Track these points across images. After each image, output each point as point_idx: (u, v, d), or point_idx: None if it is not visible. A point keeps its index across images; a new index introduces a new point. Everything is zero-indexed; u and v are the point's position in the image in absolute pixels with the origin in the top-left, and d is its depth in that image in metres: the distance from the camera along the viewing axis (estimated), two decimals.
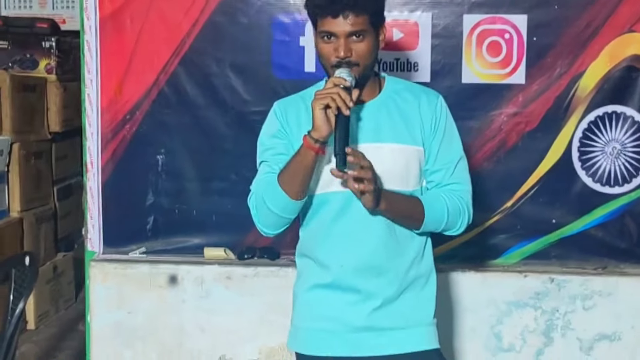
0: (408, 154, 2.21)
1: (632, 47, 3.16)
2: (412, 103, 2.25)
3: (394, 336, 2.24)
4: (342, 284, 2.24)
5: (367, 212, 2.17)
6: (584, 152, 3.23)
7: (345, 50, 2.13)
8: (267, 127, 2.32)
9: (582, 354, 3.23)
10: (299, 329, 2.34)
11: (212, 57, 3.29)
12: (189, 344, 3.34)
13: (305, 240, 2.32)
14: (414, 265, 2.26)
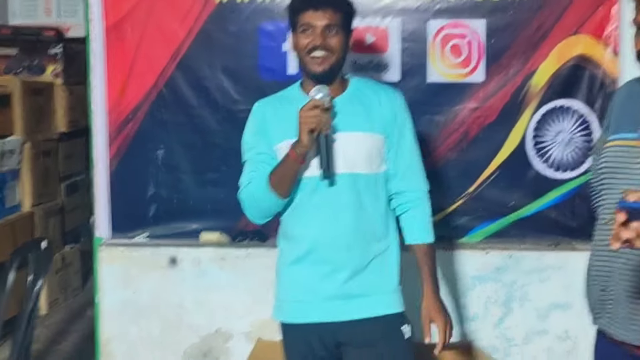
0: (372, 141, 2.46)
1: (578, 47, 3.33)
2: (373, 98, 2.51)
3: (363, 302, 2.46)
4: (316, 258, 2.45)
5: (336, 193, 2.42)
6: (537, 141, 3.40)
7: (322, 38, 2.39)
8: (249, 127, 2.56)
9: (538, 322, 3.44)
10: (282, 302, 2.56)
11: (205, 62, 3.45)
12: (188, 319, 3.53)
13: (284, 222, 2.54)
14: (379, 239, 2.48)
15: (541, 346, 3.48)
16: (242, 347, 3.49)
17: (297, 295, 2.52)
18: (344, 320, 2.47)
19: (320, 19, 2.39)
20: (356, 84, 2.56)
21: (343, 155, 2.43)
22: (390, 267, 2.52)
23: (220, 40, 3.47)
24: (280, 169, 2.40)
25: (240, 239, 3.55)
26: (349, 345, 2.48)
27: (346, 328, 2.47)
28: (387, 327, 2.48)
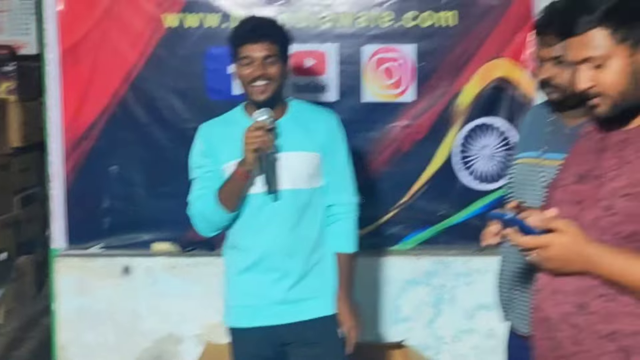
0: (312, 159, 2.70)
1: (499, 70, 3.61)
2: (311, 119, 2.74)
3: (305, 306, 2.69)
4: (264, 267, 2.67)
5: (281, 207, 2.64)
6: (463, 156, 3.66)
7: (262, 69, 2.57)
8: (196, 147, 2.76)
9: (466, 321, 3.71)
10: (231, 307, 2.76)
11: (156, 83, 3.63)
12: (142, 324, 3.71)
13: (234, 234, 2.74)
14: (316, 248, 2.72)
15: (469, 344, 3.75)
16: (193, 350, 3.69)
17: (246, 301, 2.73)
18: (289, 323, 2.69)
19: (259, 51, 2.59)
20: (296, 106, 2.79)
21: (287, 173, 2.65)
22: (328, 273, 2.76)
23: (170, 63, 3.67)
24: (228, 185, 2.62)
25: (190, 248, 3.74)
26: (293, 345, 2.72)
27: (291, 329, 2.69)
28: (326, 327, 2.72)
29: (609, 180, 1.77)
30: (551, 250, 1.72)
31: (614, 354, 1.72)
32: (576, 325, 1.76)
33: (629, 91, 1.76)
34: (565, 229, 1.71)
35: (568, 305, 1.78)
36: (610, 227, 1.73)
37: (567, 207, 1.85)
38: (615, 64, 1.75)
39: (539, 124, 2.56)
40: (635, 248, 1.69)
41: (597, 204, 1.77)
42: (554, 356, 1.83)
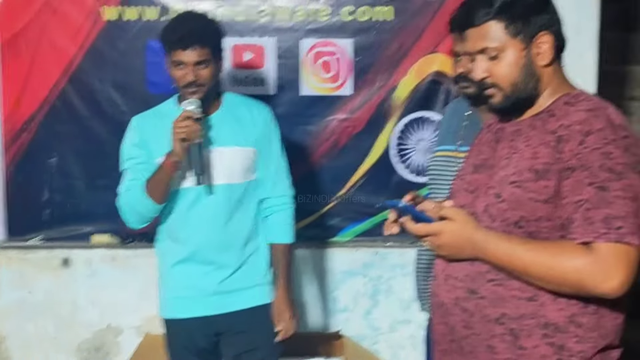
0: (246, 153, 2.72)
1: (435, 64, 3.67)
2: (246, 113, 2.76)
3: (238, 296, 2.73)
4: (197, 258, 2.71)
5: (215, 201, 2.67)
6: (400, 149, 3.73)
7: (194, 76, 2.59)
8: (128, 139, 2.77)
9: (402, 312, 3.76)
10: (166, 299, 2.79)
11: (95, 76, 3.66)
12: (82, 316, 3.74)
13: (166, 226, 2.76)
14: (250, 240, 2.76)
15: (405, 334, 3.82)
16: (132, 341, 3.72)
17: (181, 292, 2.76)
18: (222, 313, 2.73)
19: (190, 56, 2.60)
20: (230, 99, 2.80)
21: (221, 168, 2.68)
22: (260, 264, 2.80)
23: (110, 56, 3.69)
24: (156, 176, 2.63)
25: (129, 240, 3.77)
26: (225, 334, 2.76)
27: (224, 319, 2.74)
28: (258, 316, 2.77)
29: (500, 169, 1.83)
30: (442, 238, 1.78)
31: (502, 337, 1.77)
32: (467, 310, 1.82)
33: (521, 83, 1.83)
34: (455, 217, 1.78)
35: (460, 291, 1.84)
36: (499, 213, 1.79)
37: (463, 196, 1.93)
38: (508, 57, 1.82)
39: (457, 118, 2.62)
40: (523, 233, 1.75)
41: (489, 191, 1.83)
42: (448, 340, 1.89)
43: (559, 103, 1.81)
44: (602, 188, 1.66)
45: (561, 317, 1.73)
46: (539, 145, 1.77)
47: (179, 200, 2.71)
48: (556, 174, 1.72)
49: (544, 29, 1.80)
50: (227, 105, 2.78)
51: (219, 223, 2.70)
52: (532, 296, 1.75)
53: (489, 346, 1.79)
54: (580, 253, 1.65)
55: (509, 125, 1.90)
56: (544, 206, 1.73)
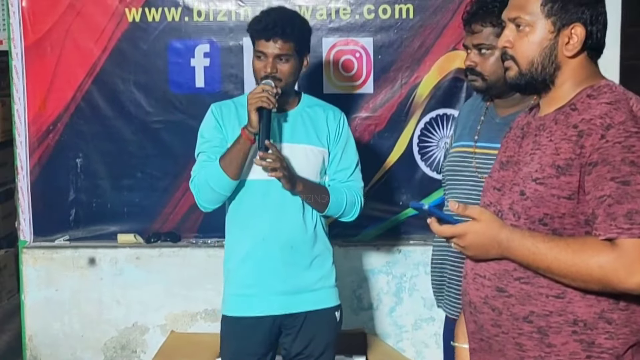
0: (316, 153, 2.73)
1: (456, 62, 3.64)
2: (321, 116, 2.78)
3: (305, 296, 2.72)
4: (264, 255, 2.68)
5: (284, 196, 2.65)
6: (422, 146, 3.73)
7: (272, 68, 2.59)
8: (206, 124, 2.75)
9: (426, 310, 3.76)
10: (230, 296, 2.75)
11: (119, 77, 3.72)
12: (107, 314, 3.79)
13: (235, 219, 2.72)
14: (317, 241, 2.75)
15: (429, 332, 3.80)
16: (158, 338, 3.76)
17: (246, 290, 2.73)
18: (287, 313, 2.72)
19: (272, 49, 2.60)
20: (307, 100, 2.82)
21: (293, 164, 2.67)
22: (327, 267, 2.80)
23: (133, 56, 3.76)
24: (231, 149, 2.62)
25: (154, 240, 3.82)
26: (287, 334, 2.76)
27: (288, 320, 2.73)
28: (322, 319, 2.77)
29: (524, 165, 1.81)
30: (467, 239, 1.75)
31: (530, 335, 1.75)
32: (495, 308, 1.80)
33: (538, 65, 1.80)
34: (479, 217, 1.74)
35: (488, 289, 1.82)
36: (523, 211, 1.76)
37: (490, 193, 1.91)
38: (535, 34, 1.79)
39: (475, 114, 2.62)
40: (547, 230, 1.73)
41: (514, 188, 1.81)
42: (477, 338, 1.87)
43: (581, 96, 1.78)
44: (624, 182, 1.64)
45: (590, 314, 1.71)
46: (561, 140, 1.73)
47: (246, 193, 2.70)
48: (578, 169, 1.69)
49: (580, 22, 1.76)
50: (304, 105, 2.79)
51: (287, 219, 2.69)
52: (560, 293, 1.72)
53: (517, 344, 1.77)
54: (604, 250, 1.63)
55: (535, 120, 1.87)
56: (567, 202, 1.70)
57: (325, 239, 2.80)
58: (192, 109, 3.74)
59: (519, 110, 2.45)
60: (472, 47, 2.42)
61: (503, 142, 1.99)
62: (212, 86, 3.76)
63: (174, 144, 3.79)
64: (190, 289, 3.78)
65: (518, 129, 1.95)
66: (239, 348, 2.75)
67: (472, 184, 2.48)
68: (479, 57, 2.41)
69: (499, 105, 2.50)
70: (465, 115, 2.68)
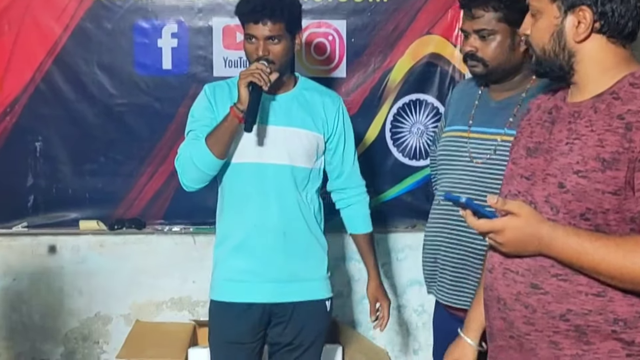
0: (310, 138, 2.66)
1: (430, 46, 3.63)
2: (318, 100, 2.70)
3: (297, 286, 2.66)
4: (255, 241, 2.61)
5: (279, 181, 2.60)
6: (395, 132, 3.69)
7: (263, 51, 2.53)
8: (198, 104, 2.68)
9: (398, 297, 3.72)
10: (220, 280, 2.68)
11: (81, 57, 3.57)
12: (69, 304, 3.64)
13: (225, 203, 2.66)
14: (310, 230, 2.69)
15: (400, 319, 3.77)
16: (121, 329, 3.64)
17: (237, 275, 2.66)
18: (278, 302, 2.66)
19: (261, 31, 2.54)
20: (304, 83, 2.75)
21: (284, 148, 2.61)
22: (321, 257, 2.75)
23: (97, 36, 3.61)
24: (218, 127, 2.54)
25: (118, 226, 3.69)
26: (276, 323, 2.70)
27: (278, 309, 2.67)
28: (313, 310, 2.72)
29: (559, 154, 1.72)
30: (505, 234, 1.67)
31: (567, 333, 1.69)
32: (529, 305, 1.72)
33: (549, 52, 1.74)
34: (519, 211, 1.66)
35: (521, 285, 1.74)
36: (563, 205, 1.68)
37: (518, 182, 1.82)
38: (543, 20, 1.74)
39: (467, 98, 2.58)
40: (589, 226, 1.66)
41: (548, 179, 1.73)
42: (507, 336, 1.79)
43: (623, 84, 1.69)
44: None
45: (632, 313, 1.65)
46: (605, 131, 1.65)
47: (237, 177, 2.64)
48: (626, 164, 1.61)
49: (586, 4, 1.69)
50: (300, 88, 2.72)
51: (280, 205, 2.63)
52: (600, 291, 1.65)
53: (552, 342, 1.70)
54: None
55: (567, 106, 1.79)
56: (613, 198, 1.63)
57: (319, 229, 2.74)
58: (158, 92, 3.65)
59: (514, 95, 2.42)
60: (471, 32, 2.37)
61: (524, 125, 1.91)
62: (179, 68, 3.64)
63: (139, 128, 3.67)
64: (156, 277, 3.68)
65: (543, 112, 1.86)
66: (229, 334, 2.70)
67: (466, 169, 2.44)
68: (480, 42, 2.36)
69: (494, 89, 2.47)
70: (457, 100, 2.64)
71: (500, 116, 2.40)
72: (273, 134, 2.64)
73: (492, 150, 2.38)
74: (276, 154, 2.63)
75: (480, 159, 2.40)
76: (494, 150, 2.37)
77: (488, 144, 2.40)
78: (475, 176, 2.40)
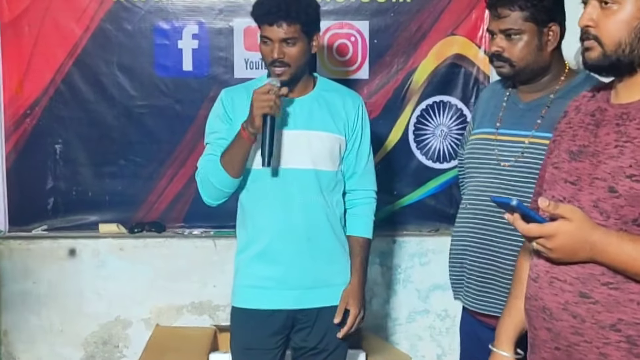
0: (333, 140, 2.61)
1: (454, 47, 3.58)
2: (338, 101, 2.65)
3: (319, 292, 2.61)
4: (277, 247, 2.56)
5: (301, 186, 2.54)
6: (418, 134, 3.64)
7: (278, 53, 2.47)
8: (213, 112, 2.65)
9: (420, 302, 3.67)
10: (241, 287, 2.64)
11: (101, 59, 3.55)
12: (88, 308, 3.61)
13: (245, 208, 2.62)
14: (333, 235, 2.62)
15: (423, 324, 3.72)
16: (141, 333, 3.60)
17: (259, 282, 2.61)
18: (301, 309, 2.62)
19: (277, 33, 2.48)
20: (323, 84, 2.69)
21: (307, 152, 2.56)
22: (343, 262, 2.68)
23: (117, 38, 3.59)
24: (232, 147, 2.50)
25: (138, 230, 3.66)
26: (300, 329, 2.66)
27: (302, 315, 2.63)
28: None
29: (608, 157, 1.65)
30: (557, 240, 1.59)
31: (618, 344, 1.62)
32: (577, 315, 1.65)
33: (626, 46, 1.64)
34: (572, 216, 1.58)
35: (569, 294, 1.67)
36: (614, 210, 1.62)
37: (562, 187, 1.75)
38: (624, 12, 1.64)
39: (495, 100, 2.52)
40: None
41: (596, 183, 1.66)
42: (552, 347, 1.72)
43: None
44: None
45: None
46: None
47: (259, 182, 2.58)
48: None
49: None
50: (319, 89, 2.67)
51: (303, 210, 2.57)
52: None
53: (602, 354, 1.63)
54: None
55: (612, 107, 1.71)
56: None
57: (342, 233, 2.69)
58: (178, 93, 3.62)
59: (542, 96, 2.36)
60: (498, 32, 2.31)
61: (564, 128, 1.83)
62: (200, 70, 3.61)
63: (159, 130, 3.64)
64: (176, 281, 3.64)
65: (585, 115, 1.79)
66: (251, 341, 2.65)
67: (494, 172, 2.38)
68: (507, 42, 2.29)
69: (523, 91, 2.40)
70: (485, 101, 2.58)
71: (529, 118, 2.34)
72: (294, 138, 2.59)
73: (519, 153, 2.32)
74: (299, 158, 2.59)
75: (508, 161, 2.34)
76: (522, 152, 2.31)
77: (516, 147, 2.33)
78: (502, 179, 2.34)
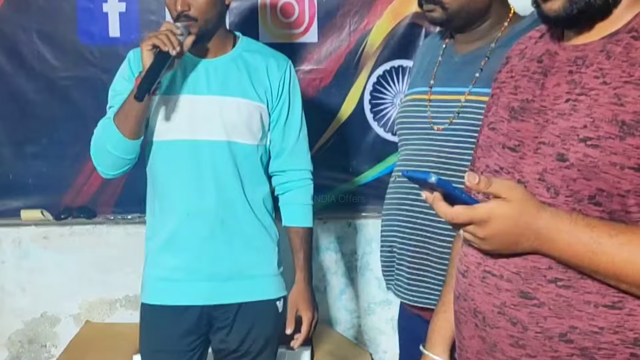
0: (251, 108, 2.29)
1: (413, 5, 3.17)
2: (260, 63, 2.33)
3: (240, 285, 2.31)
4: (189, 232, 2.27)
5: (215, 160, 2.24)
6: (375, 104, 3.31)
7: (182, 4, 2.18)
8: (120, 73, 2.34)
9: (381, 292, 3.36)
10: (149, 280, 2.36)
11: (18, 26, 3.24)
12: (11, 303, 3.38)
13: (153, 188, 2.34)
14: (257, 219, 2.33)
15: (384, 317, 3.41)
16: (71, 330, 3.35)
17: (168, 274, 2.32)
18: (220, 304, 2.33)
19: None
20: (245, 44, 2.38)
21: (222, 122, 2.25)
22: (269, 251, 2.39)
23: (35, 1, 3.26)
24: (126, 102, 2.18)
25: (65, 216, 3.37)
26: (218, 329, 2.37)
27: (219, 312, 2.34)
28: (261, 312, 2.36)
29: (558, 116, 1.30)
30: (491, 226, 1.24)
31: (570, 359, 1.27)
32: (517, 321, 1.30)
33: None
34: (509, 195, 1.24)
35: (507, 294, 1.31)
36: (564, 184, 1.26)
37: (498, 154, 1.39)
38: None
39: (430, 55, 2.21)
40: (601, 213, 1.24)
41: (543, 149, 1.30)
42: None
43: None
44: None
45: None
46: (624, 83, 1.24)
47: (165, 156, 2.29)
48: None
49: None
50: (240, 49, 2.36)
51: (217, 188, 2.26)
52: (615, 302, 1.25)
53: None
54: None
55: (564, 50, 1.35)
56: (635, 175, 1.22)
57: (267, 216, 2.37)
58: (106, 63, 3.25)
59: (481, 46, 1.99)
60: None
61: (503, 78, 1.47)
62: (128, 36, 3.27)
63: (85, 104, 3.28)
64: (108, 272, 3.36)
65: (530, 60, 1.43)
66: (160, 342, 2.35)
67: (426, 138, 2.02)
68: None
69: (460, 41, 2.06)
70: (420, 58, 2.24)
71: (465, 72, 1.98)
72: (206, 105, 2.27)
73: (455, 114, 1.94)
74: (211, 128, 2.26)
75: (442, 125, 1.96)
76: (457, 113, 1.94)
77: (451, 107, 1.97)
78: (436, 146, 1.98)
